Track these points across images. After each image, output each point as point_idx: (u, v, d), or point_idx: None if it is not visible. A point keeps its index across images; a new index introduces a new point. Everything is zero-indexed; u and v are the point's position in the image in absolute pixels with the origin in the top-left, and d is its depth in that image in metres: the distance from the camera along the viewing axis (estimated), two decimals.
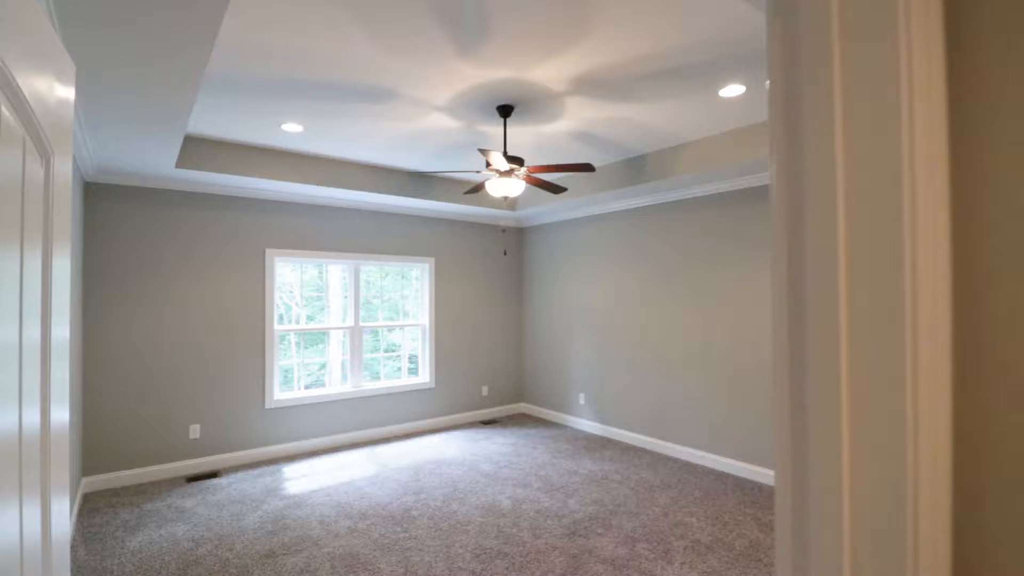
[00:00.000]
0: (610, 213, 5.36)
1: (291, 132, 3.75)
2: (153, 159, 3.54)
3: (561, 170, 3.11)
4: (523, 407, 6.47)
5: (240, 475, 4.24)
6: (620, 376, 5.25)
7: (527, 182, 3.48)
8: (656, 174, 4.23)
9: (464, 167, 4.77)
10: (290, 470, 4.36)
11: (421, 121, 3.52)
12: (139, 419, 4.08)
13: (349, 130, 3.71)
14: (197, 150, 3.86)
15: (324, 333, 5.19)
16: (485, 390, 6.15)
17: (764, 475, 4.05)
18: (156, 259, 4.16)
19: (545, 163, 4.57)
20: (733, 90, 3.04)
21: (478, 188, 3.63)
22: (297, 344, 5.07)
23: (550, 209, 5.62)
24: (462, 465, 4.48)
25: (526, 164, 3.90)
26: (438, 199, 5.10)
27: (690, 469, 4.37)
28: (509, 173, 3.20)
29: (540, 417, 6.19)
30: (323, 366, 5.22)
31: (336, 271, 5.26)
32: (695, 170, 3.95)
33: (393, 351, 5.63)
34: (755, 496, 3.79)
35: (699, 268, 4.54)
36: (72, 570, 2.82)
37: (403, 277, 5.70)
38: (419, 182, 4.99)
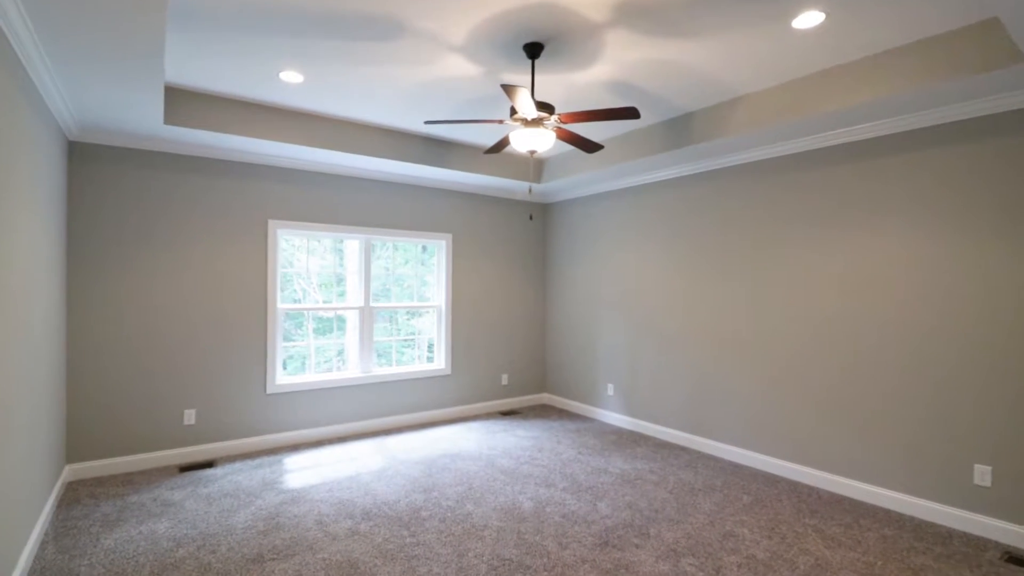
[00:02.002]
0: (644, 185, 4.83)
1: (290, 83, 3.33)
2: (138, 110, 3.16)
3: (599, 117, 2.62)
4: (545, 398, 6.03)
5: (237, 465, 3.89)
6: (653, 366, 4.76)
7: (558, 136, 3.00)
8: (704, 135, 3.70)
9: (484, 127, 4.29)
10: (292, 461, 3.99)
11: (435, 67, 3.06)
12: (129, 402, 3.75)
13: (355, 80, 3.28)
14: (188, 104, 3.47)
15: (341, 318, 4.81)
16: (505, 378, 5.71)
17: (824, 479, 3.54)
18: (148, 228, 3.81)
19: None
20: (810, 19, 2.50)
21: (500, 146, 3.17)
22: (315, 329, 4.70)
23: (577, 181, 5.12)
24: (479, 460, 4.06)
25: (557, 112, 3.38)
26: (455, 168, 4.65)
27: (735, 470, 3.87)
28: (538, 122, 2.72)
29: (564, 409, 5.74)
30: (340, 352, 4.84)
31: (353, 254, 4.85)
32: (750, 128, 3.41)
33: (413, 336, 5.23)
34: (814, 504, 3.29)
35: (748, 245, 4.00)
36: (37, 571, 2.48)
37: (424, 253, 5.28)
38: (435, 149, 4.54)
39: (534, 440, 4.58)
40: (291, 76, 3.21)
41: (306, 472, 3.76)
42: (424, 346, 5.32)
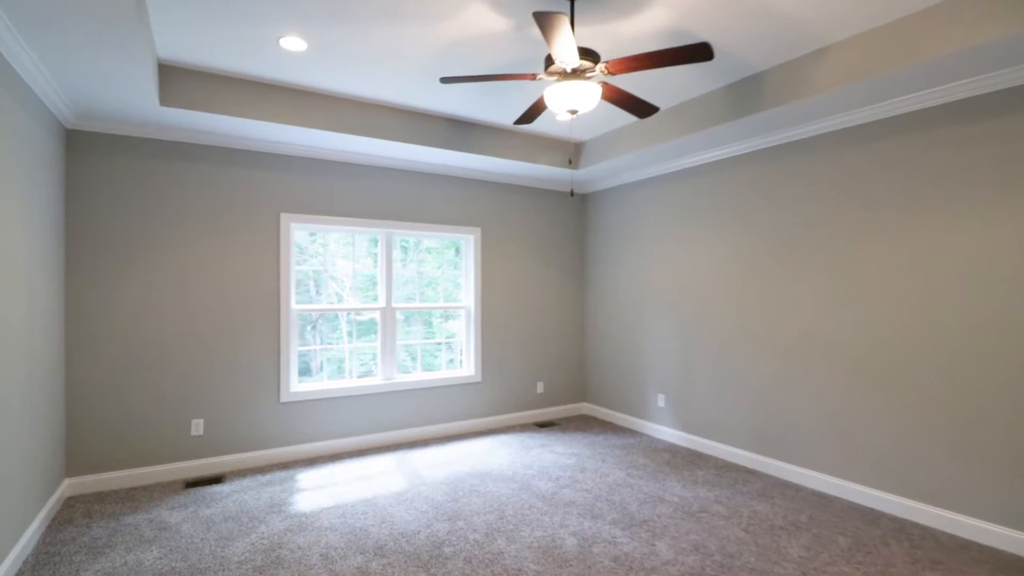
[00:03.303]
0: (698, 167, 4.23)
1: (293, 52, 2.93)
2: (129, 88, 2.82)
3: (657, 62, 2.08)
4: (585, 408, 5.47)
5: (247, 481, 3.52)
6: (710, 373, 4.13)
7: (604, 96, 2.47)
8: (778, 98, 3.09)
9: (515, 103, 3.80)
10: (305, 478, 3.60)
11: (456, 22, 2.59)
12: (132, 411, 3.44)
13: (363, 45, 2.85)
14: (185, 84, 3.14)
15: (373, 321, 4.43)
16: (540, 386, 5.19)
17: (941, 518, 2.84)
18: (149, 222, 3.50)
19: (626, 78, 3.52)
20: None
21: (534, 111, 2.67)
22: (349, 332, 4.33)
23: (620, 165, 4.56)
24: (512, 481, 3.55)
25: (604, 61, 2.82)
26: (482, 152, 4.17)
27: (822, 502, 3.21)
28: (580, 73, 2.20)
29: (607, 421, 5.16)
30: (374, 356, 4.45)
31: (373, 250, 4.45)
32: (838, 84, 2.78)
33: (440, 341, 4.78)
34: (932, 550, 2.61)
35: (830, 232, 3.35)
36: None
37: (455, 251, 4.83)
38: (459, 131, 4.08)
39: (575, 458, 4.04)
40: (292, 43, 2.81)
41: (318, 492, 3.35)
42: (459, 350, 4.86)
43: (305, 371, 4.17)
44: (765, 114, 3.22)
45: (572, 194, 2.66)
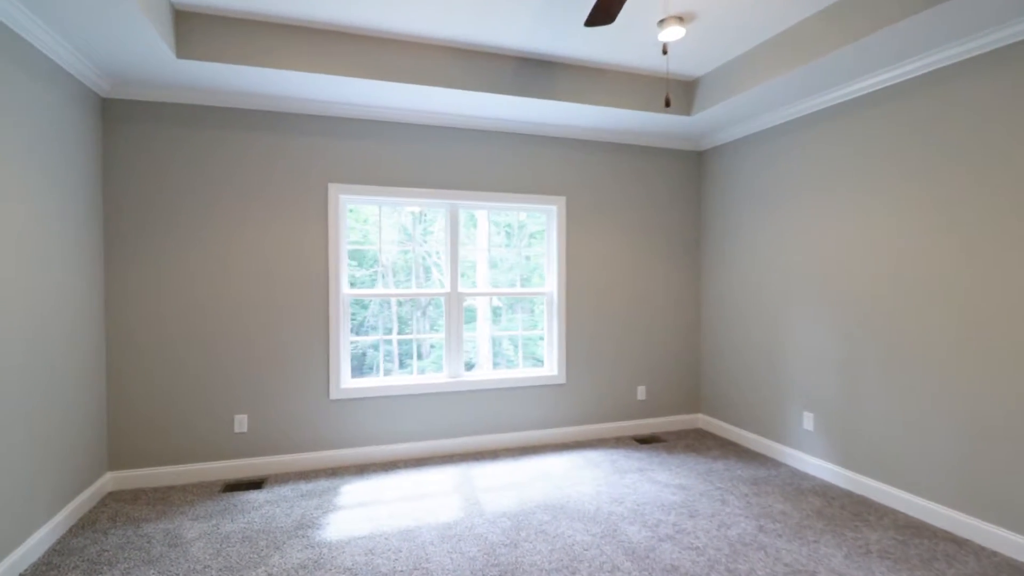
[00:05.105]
0: (868, 95, 2.93)
1: None
2: (137, 38, 2.42)
3: None
4: (701, 420, 4.37)
5: (286, 489, 3.08)
6: (887, 389, 2.87)
7: None
8: None
9: (602, 31, 2.86)
10: (349, 490, 3.07)
11: None
12: (173, 405, 3.16)
13: None
14: (203, 32, 2.69)
15: (472, 308, 3.88)
16: (641, 391, 4.21)
17: None
18: (186, 199, 3.17)
19: None
20: None
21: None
22: (434, 322, 3.83)
23: (750, 104, 3.39)
24: (594, 521, 2.69)
25: None
26: (562, 98, 3.30)
27: None
28: None
29: (729, 440, 4.03)
30: (473, 344, 3.89)
31: (434, 225, 3.82)
32: None
33: (517, 333, 4.05)
34: None
35: None
36: None
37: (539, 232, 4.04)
38: (532, 73, 3.25)
39: (683, 493, 3.04)
40: None
41: (356, 512, 2.78)
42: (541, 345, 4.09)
43: (358, 369, 3.68)
44: None
45: (668, 104, 1.73)
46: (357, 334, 3.64)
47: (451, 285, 3.76)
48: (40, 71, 2.41)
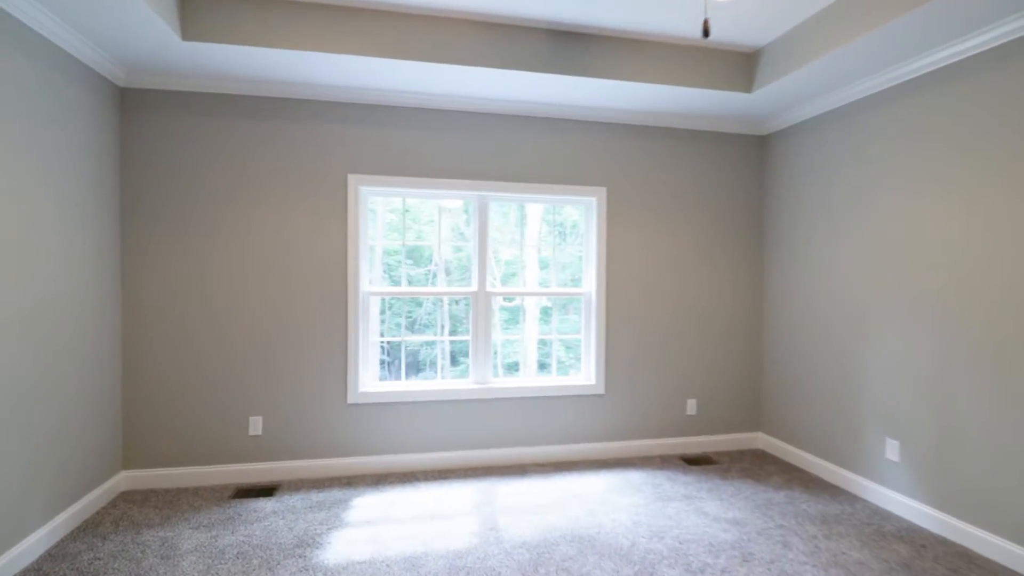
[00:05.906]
0: (979, 55, 2.38)
1: None
2: (132, 11, 2.28)
3: None
4: (761, 440, 3.86)
5: (296, 499, 2.90)
6: (998, 413, 2.31)
7: None
8: None
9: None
10: (360, 504, 2.84)
11: None
12: (187, 404, 3.06)
13: None
14: (212, 11, 2.53)
15: (518, 308, 3.61)
16: (691, 405, 3.76)
17: None
18: (201, 191, 3.06)
19: None
20: None
21: None
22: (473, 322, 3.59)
23: (823, 74, 2.88)
24: (627, 561, 2.31)
25: None
26: (599, 75, 2.93)
27: None
28: None
29: (794, 466, 3.51)
30: (512, 347, 3.63)
31: (462, 218, 3.55)
32: None
33: (563, 336, 3.71)
34: None
35: None
36: None
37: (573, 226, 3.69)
38: (566, 47, 2.90)
39: (736, 529, 2.60)
40: None
41: (362, 531, 2.55)
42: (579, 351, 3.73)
43: (412, 368, 3.49)
44: None
45: (706, 33, 1.36)
46: (412, 332, 3.46)
47: (478, 284, 3.47)
48: (54, 62, 2.36)
